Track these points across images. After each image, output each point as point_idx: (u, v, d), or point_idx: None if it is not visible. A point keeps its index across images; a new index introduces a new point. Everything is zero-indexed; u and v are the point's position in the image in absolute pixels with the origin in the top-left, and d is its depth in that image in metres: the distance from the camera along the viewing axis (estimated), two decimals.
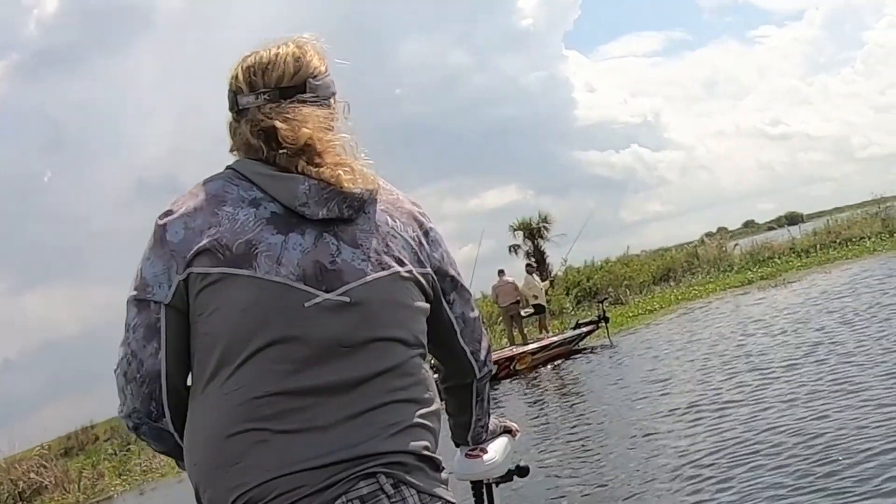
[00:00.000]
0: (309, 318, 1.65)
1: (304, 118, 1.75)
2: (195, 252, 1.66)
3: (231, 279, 1.65)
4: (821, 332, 13.02)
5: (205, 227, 1.68)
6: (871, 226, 30.07)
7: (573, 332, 21.06)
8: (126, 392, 1.74)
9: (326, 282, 1.67)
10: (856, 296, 16.17)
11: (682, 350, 15.40)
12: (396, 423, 1.69)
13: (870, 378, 8.92)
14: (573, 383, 15.98)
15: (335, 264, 1.69)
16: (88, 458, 26.12)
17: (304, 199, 1.70)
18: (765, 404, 9.07)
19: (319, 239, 1.70)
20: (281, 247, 1.67)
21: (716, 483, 6.90)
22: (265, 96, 1.78)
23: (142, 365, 1.70)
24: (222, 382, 1.65)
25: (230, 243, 1.66)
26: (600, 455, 9.01)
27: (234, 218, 1.69)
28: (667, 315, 22.79)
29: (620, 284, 31.57)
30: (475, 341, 2.00)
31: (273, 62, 1.80)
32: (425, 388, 1.78)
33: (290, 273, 1.66)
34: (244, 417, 1.62)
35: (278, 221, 1.70)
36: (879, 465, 6.12)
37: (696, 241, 37.67)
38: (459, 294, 1.95)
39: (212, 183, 1.77)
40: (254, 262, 1.65)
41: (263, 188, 1.72)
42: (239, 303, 1.64)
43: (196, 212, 1.71)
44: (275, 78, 1.79)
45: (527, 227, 36.63)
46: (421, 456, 1.72)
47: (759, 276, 26.07)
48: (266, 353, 1.64)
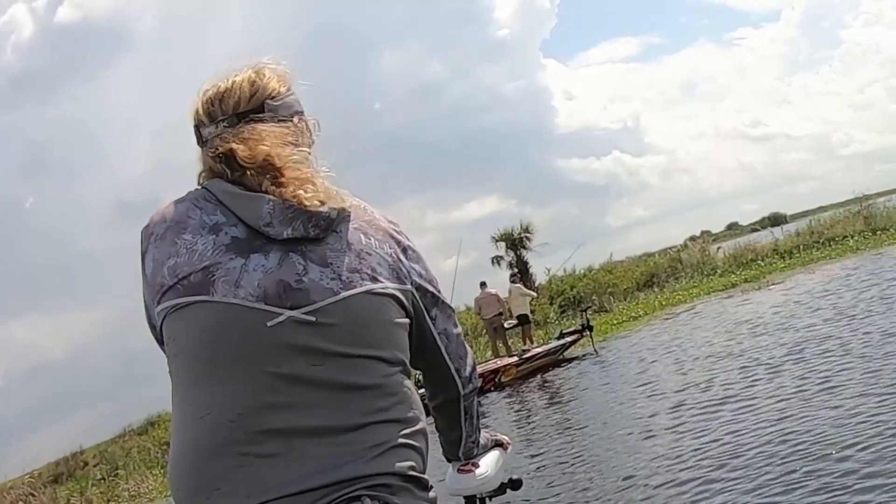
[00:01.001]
0: (274, 337, 1.61)
1: (259, 136, 1.74)
2: (159, 286, 1.68)
3: (192, 308, 1.64)
4: (805, 332, 13.11)
5: (165, 257, 1.68)
6: (853, 224, 30.06)
7: (557, 342, 20.99)
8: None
9: (291, 300, 1.63)
10: (838, 296, 16.25)
11: (667, 356, 15.44)
12: (380, 444, 1.65)
13: (855, 376, 9.06)
14: (559, 393, 15.96)
15: (301, 283, 1.65)
16: (77, 483, 25.89)
17: (269, 219, 1.67)
18: (751, 407, 9.20)
19: (285, 259, 1.67)
20: (240, 270, 1.64)
21: (703, 486, 6.97)
22: (224, 124, 1.79)
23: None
24: (194, 407, 1.62)
25: (188, 274, 1.65)
26: (588, 464, 9.09)
27: (192, 248, 1.67)
28: (651, 321, 22.78)
29: (604, 292, 31.51)
30: (459, 358, 1.98)
31: (229, 90, 1.81)
32: (408, 406, 1.73)
33: (249, 294, 1.62)
34: (220, 442, 1.58)
35: (239, 245, 1.67)
36: (868, 459, 6.24)
37: (680, 245, 37.69)
38: (441, 310, 1.92)
39: (179, 206, 1.75)
40: (210, 289, 1.63)
41: (230, 208, 1.70)
42: (197, 328, 1.63)
43: (160, 241, 1.71)
44: (231, 105, 1.80)
45: (508, 238, 36.46)
46: (407, 476, 1.67)
47: (743, 278, 26.08)
48: (233, 374, 1.60)
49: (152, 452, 25.60)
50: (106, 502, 21.50)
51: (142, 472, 21.64)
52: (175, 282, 1.65)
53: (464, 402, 2.04)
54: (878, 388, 8.21)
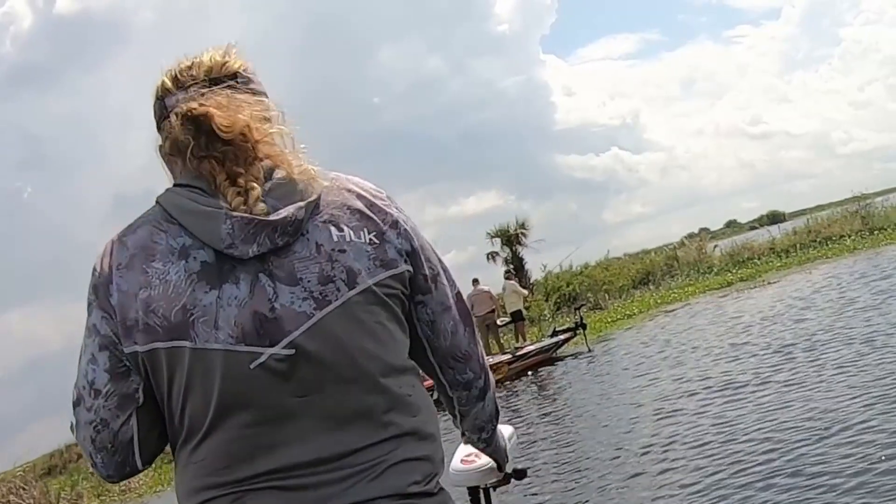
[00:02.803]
0: (258, 378, 1.54)
1: (238, 105, 1.62)
2: (133, 321, 1.56)
3: (173, 353, 1.55)
4: (798, 330, 13.11)
5: (136, 288, 1.57)
6: (850, 224, 29.90)
7: (550, 340, 20.90)
8: (96, 459, 1.63)
9: (268, 334, 1.54)
10: (833, 295, 16.20)
11: (661, 354, 15.42)
12: (377, 466, 1.59)
13: (851, 375, 9.05)
14: (551, 391, 15.95)
15: (274, 311, 1.55)
16: (69, 477, 25.83)
17: (230, 240, 1.55)
18: (744, 406, 9.19)
19: (255, 283, 1.56)
20: (216, 306, 1.54)
21: (696, 481, 6.98)
22: (194, 88, 1.65)
23: (115, 436, 1.61)
24: (189, 453, 1.59)
25: (167, 312, 1.54)
26: (580, 463, 9.07)
27: (164, 279, 1.56)
28: (646, 319, 22.73)
29: (600, 289, 31.39)
30: (448, 356, 1.80)
31: (199, 62, 1.70)
32: (406, 413, 1.65)
33: (229, 336, 1.53)
34: (212, 484, 1.56)
35: (210, 273, 1.56)
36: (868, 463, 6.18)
37: (677, 242, 37.61)
38: (434, 297, 1.76)
39: (141, 230, 1.63)
40: (191, 332, 1.54)
41: (188, 229, 1.59)
42: (185, 377, 1.55)
43: (127, 270, 1.59)
44: (203, 71, 1.68)
45: (504, 234, 36.28)
46: (406, 495, 1.61)
47: (739, 277, 26.01)
48: (224, 422, 1.55)
49: None
50: (97, 496, 21.46)
51: None
52: (152, 321, 1.55)
53: (456, 403, 1.89)
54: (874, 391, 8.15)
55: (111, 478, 1.67)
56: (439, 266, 1.78)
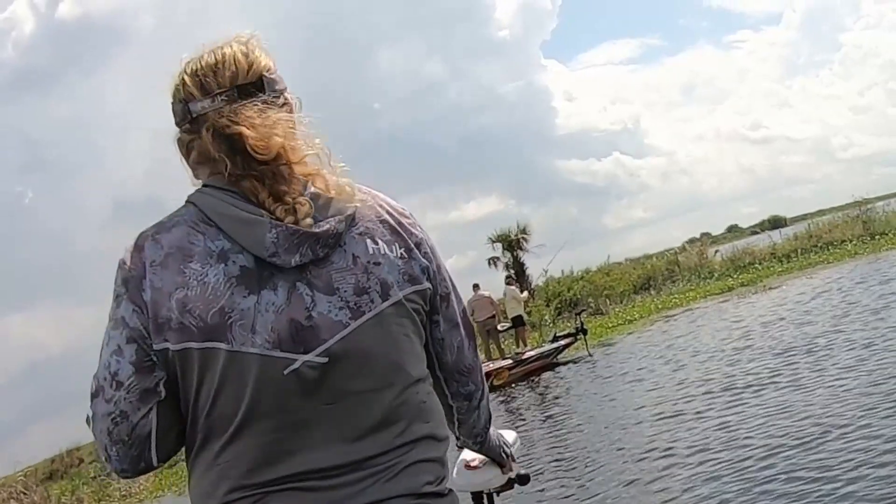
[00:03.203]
0: (290, 383, 1.57)
1: (273, 124, 1.62)
2: (165, 319, 1.56)
3: (207, 354, 1.55)
4: (799, 336, 13.06)
5: (171, 287, 1.57)
6: (852, 229, 29.84)
7: (551, 345, 20.86)
8: (111, 452, 1.63)
9: (303, 342, 1.57)
10: (834, 300, 16.19)
11: (661, 360, 15.40)
12: (394, 466, 1.63)
13: (852, 380, 9.08)
14: (552, 397, 15.85)
15: (311, 320, 1.58)
16: (71, 482, 25.80)
17: (273, 249, 1.58)
18: (745, 411, 9.20)
19: (293, 291, 1.59)
20: (254, 311, 1.56)
21: (696, 485, 6.99)
22: (222, 98, 1.64)
23: (133, 429, 1.60)
24: (213, 454, 1.59)
25: (203, 313, 1.55)
26: (581, 467, 9.07)
27: (203, 280, 1.57)
28: (646, 325, 22.68)
29: (601, 294, 31.33)
30: (453, 371, 1.87)
31: (222, 62, 1.67)
32: (421, 420, 1.69)
33: (266, 341, 1.56)
34: (235, 486, 1.57)
35: (249, 278, 1.58)
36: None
37: (678, 247, 37.53)
38: (445, 316, 1.82)
39: (176, 230, 1.63)
40: (228, 335, 1.55)
41: (230, 234, 1.60)
42: (218, 379, 1.56)
43: (162, 269, 1.59)
44: (228, 77, 1.66)
45: (505, 239, 36.26)
46: (421, 494, 1.65)
47: (740, 282, 26.00)
48: (253, 425, 1.57)
49: None
50: (97, 502, 21.41)
51: None
52: (188, 321, 1.55)
53: (455, 412, 1.95)
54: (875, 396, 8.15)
55: (125, 472, 1.66)
56: (451, 285, 1.83)
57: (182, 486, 19.28)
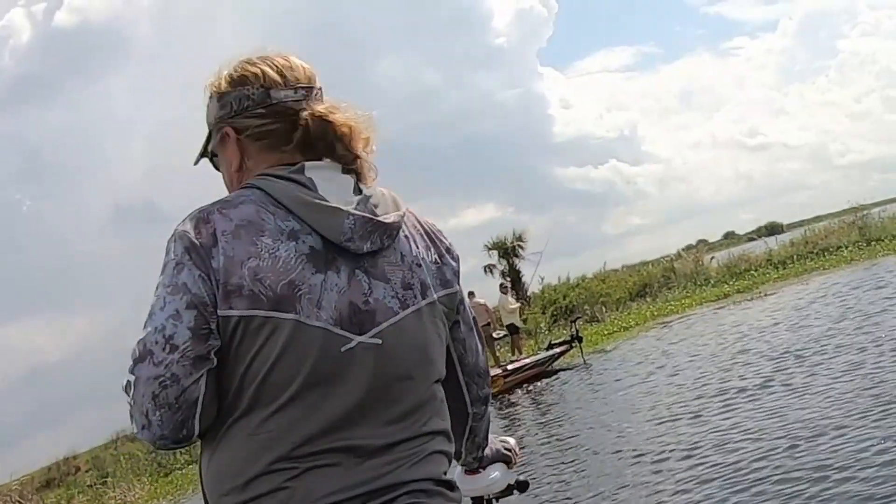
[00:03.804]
0: (344, 361, 1.63)
1: (355, 119, 1.75)
2: (235, 286, 1.60)
3: (273, 322, 1.60)
4: (795, 343, 13.04)
5: (244, 256, 1.61)
6: (848, 235, 29.85)
7: (546, 353, 20.78)
8: (152, 417, 1.60)
9: (360, 324, 1.65)
10: (829, 306, 16.21)
11: (656, 367, 15.41)
12: (418, 453, 1.70)
13: (846, 383, 9.13)
14: (547, 405, 15.85)
15: (368, 304, 1.67)
16: (66, 490, 25.76)
17: (350, 234, 1.66)
18: (739, 416, 9.23)
19: (353, 277, 1.67)
20: (321, 288, 1.63)
21: (691, 493, 7.00)
22: (302, 91, 1.76)
23: (182, 392, 1.59)
24: (256, 423, 1.61)
25: (274, 284, 1.60)
26: (577, 474, 9.10)
27: (275, 254, 1.62)
28: (642, 332, 22.63)
29: (597, 301, 31.31)
30: (473, 373, 1.96)
31: (294, 65, 1.80)
32: (442, 416, 1.79)
33: (330, 317, 1.63)
34: (278, 457, 1.59)
35: (317, 258, 1.65)
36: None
37: (674, 254, 37.50)
38: (463, 319, 1.91)
39: (245, 206, 1.67)
40: (297, 306, 1.61)
41: (303, 218, 1.66)
42: (280, 348, 1.60)
43: (234, 239, 1.62)
44: (305, 76, 1.79)
45: (501, 247, 36.25)
46: (440, 481, 1.73)
47: (736, 289, 25.93)
48: (304, 397, 1.61)
49: (141, 460, 25.44)
50: None
51: (129, 480, 21.46)
52: (258, 289, 1.60)
53: (471, 421, 2.02)
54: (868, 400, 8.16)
55: (164, 439, 1.63)
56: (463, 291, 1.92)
57: (178, 495, 19.23)
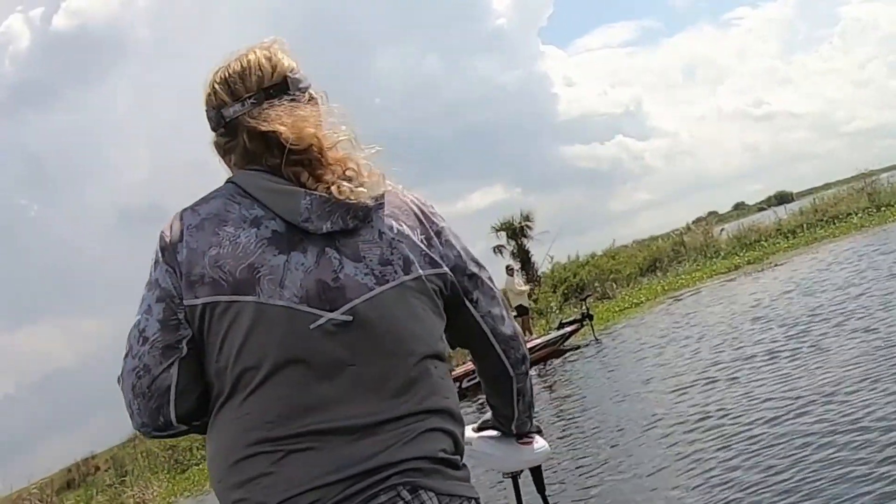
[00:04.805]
0: (315, 339, 1.64)
1: (302, 118, 1.74)
2: (198, 276, 1.66)
3: (236, 306, 1.64)
4: (806, 312, 12.93)
5: (205, 247, 1.68)
6: (857, 202, 29.64)
7: (557, 332, 20.69)
8: (133, 407, 1.71)
9: (329, 300, 1.66)
10: (839, 275, 16.05)
11: (669, 341, 15.38)
12: (411, 430, 1.68)
13: (857, 351, 9.10)
14: (560, 383, 15.84)
15: (338, 281, 1.68)
16: (86, 491, 25.83)
17: (307, 215, 1.68)
18: (754, 386, 9.22)
19: (322, 256, 1.69)
20: (283, 268, 1.66)
21: (709, 468, 6.93)
22: (251, 101, 1.77)
23: (154, 381, 1.68)
24: (235, 407, 1.65)
25: (233, 269, 1.65)
26: (590, 453, 9.04)
27: (235, 241, 1.68)
28: (653, 307, 22.59)
29: (607, 278, 31.21)
30: (508, 339, 1.95)
31: (247, 68, 1.80)
32: (441, 394, 1.76)
33: (294, 295, 1.65)
34: (257, 440, 1.61)
35: (280, 240, 1.69)
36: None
37: (683, 227, 37.30)
38: (483, 291, 1.91)
39: (213, 201, 1.75)
40: (257, 287, 1.64)
41: (265, 203, 1.71)
42: (245, 330, 1.63)
43: (198, 231, 1.70)
44: (255, 81, 1.79)
45: (509, 227, 36.13)
46: (437, 459, 1.70)
47: (746, 260, 25.77)
48: (276, 377, 1.63)
49: (159, 457, 25.49)
50: None
51: (146, 477, 21.48)
52: (218, 275, 1.65)
53: (516, 384, 2.02)
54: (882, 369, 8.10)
55: (145, 426, 1.72)
56: (479, 264, 1.92)
57: (195, 491, 19.28)
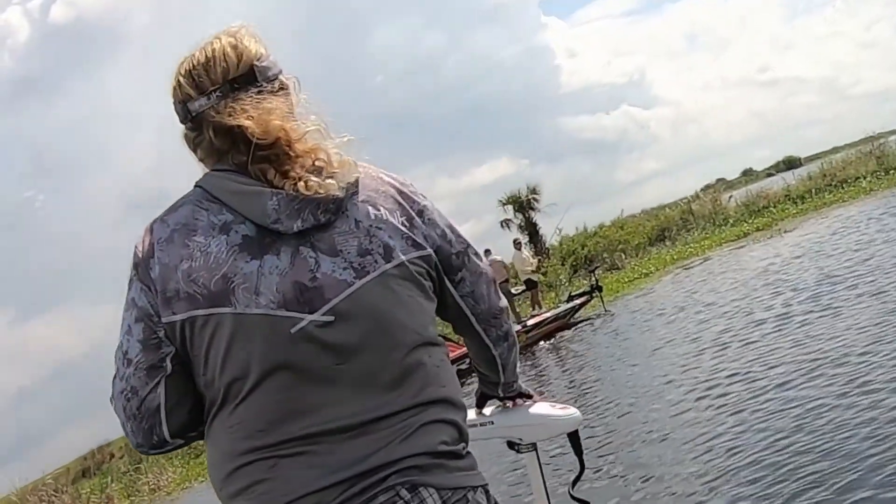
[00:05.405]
0: (297, 343, 1.61)
1: (268, 111, 1.68)
2: (173, 292, 1.63)
3: (214, 318, 1.61)
4: (818, 279, 12.81)
5: (177, 261, 1.64)
6: (865, 165, 29.41)
7: (566, 305, 20.65)
8: (128, 428, 1.71)
9: (308, 302, 1.62)
10: (849, 240, 15.94)
11: (678, 311, 15.28)
12: (409, 426, 1.65)
13: (868, 313, 9.11)
14: (570, 356, 15.79)
15: (315, 280, 1.63)
16: (101, 479, 25.97)
17: (275, 216, 1.63)
18: (766, 357, 9.10)
19: (296, 255, 1.64)
20: (257, 274, 1.62)
21: (721, 440, 6.88)
22: (216, 94, 1.71)
23: (142, 403, 1.68)
24: (226, 417, 1.63)
25: (207, 281, 1.62)
26: (602, 424, 9.00)
27: (206, 250, 1.64)
28: (663, 277, 22.50)
29: (616, 249, 31.09)
30: (488, 318, 1.93)
31: (212, 58, 1.73)
32: (438, 384, 1.72)
33: (270, 301, 1.61)
34: (249, 448, 1.60)
35: (251, 245, 1.64)
36: None
37: (692, 195, 37.08)
38: (469, 269, 1.87)
39: (181, 209, 1.71)
40: (232, 298, 1.61)
41: (233, 207, 1.66)
42: (226, 342, 1.61)
43: (168, 245, 1.66)
44: (220, 73, 1.72)
45: (516, 201, 36.04)
46: (438, 453, 1.67)
47: (755, 227, 25.63)
48: (263, 385, 1.60)
49: None
50: (126, 497, 21.48)
51: (161, 464, 21.55)
52: (193, 290, 1.62)
53: (500, 360, 2.03)
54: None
55: (141, 447, 1.73)
56: (465, 241, 1.88)
57: (207, 476, 19.34)
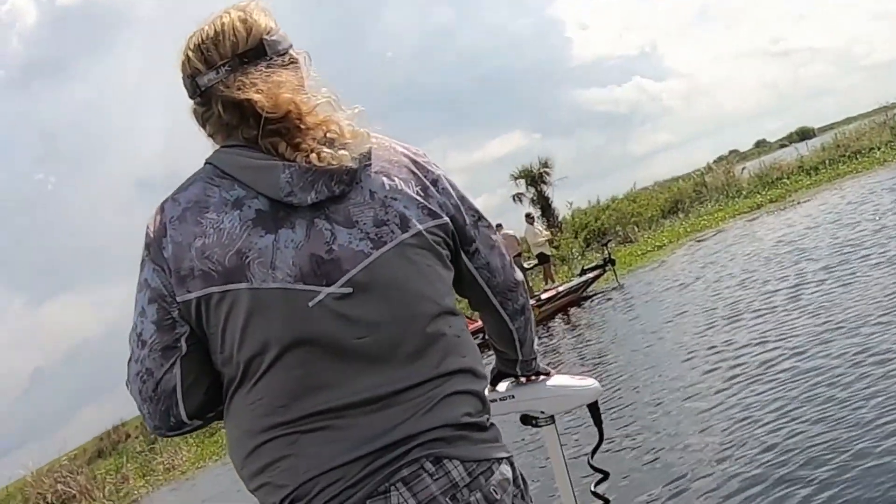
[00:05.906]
0: (316, 316, 1.59)
1: (278, 84, 1.66)
2: (188, 270, 1.61)
3: (230, 295, 1.59)
4: (832, 250, 12.80)
5: (190, 238, 1.62)
6: (879, 135, 29.12)
7: (580, 279, 20.58)
8: (144, 410, 1.71)
9: (325, 274, 1.60)
10: (864, 212, 15.87)
11: (692, 283, 15.31)
12: (431, 397, 1.64)
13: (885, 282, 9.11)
14: (584, 329, 15.71)
15: (332, 252, 1.62)
16: (117, 459, 26.13)
17: (289, 188, 1.61)
18: (781, 328, 9.12)
19: (311, 228, 1.63)
20: (272, 248, 1.60)
21: (737, 412, 6.90)
22: (225, 68, 1.69)
23: (158, 384, 1.66)
24: (246, 394, 1.62)
25: (221, 257, 1.60)
26: (617, 395, 9.04)
27: (219, 227, 1.62)
28: (676, 249, 22.38)
29: (629, 222, 30.96)
30: (505, 291, 1.92)
31: (221, 32, 1.71)
32: (459, 354, 1.71)
33: (287, 275, 1.59)
34: (271, 424, 1.59)
35: (265, 219, 1.63)
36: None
37: (704, 167, 36.87)
38: (482, 240, 1.86)
39: (192, 187, 1.69)
40: (247, 273, 1.59)
41: (245, 182, 1.64)
42: (243, 318, 1.59)
43: (181, 223, 1.64)
44: (229, 47, 1.70)
45: (528, 175, 35.94)
46: (461, 424, 1.66)
47: (769, 199, 25.49)
48: (283, 360, 1.59)
49: None
50: (141, 477, 21.60)
51: (176, 444, 21.64)
52: (207, 267, 1.60)
53: (517, 335, 2.01)
54: None
55: (158, 429, 1.72)
56: (478, 211, 1.87)
57: (223, 455, 19.40)
